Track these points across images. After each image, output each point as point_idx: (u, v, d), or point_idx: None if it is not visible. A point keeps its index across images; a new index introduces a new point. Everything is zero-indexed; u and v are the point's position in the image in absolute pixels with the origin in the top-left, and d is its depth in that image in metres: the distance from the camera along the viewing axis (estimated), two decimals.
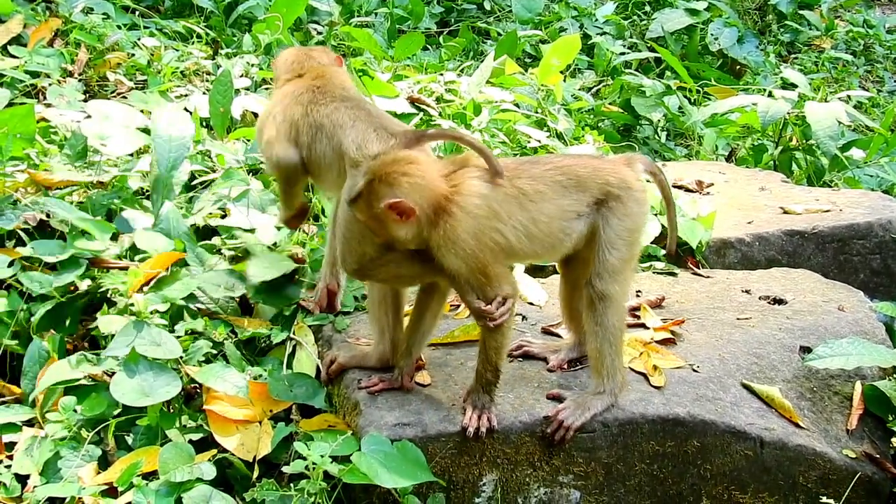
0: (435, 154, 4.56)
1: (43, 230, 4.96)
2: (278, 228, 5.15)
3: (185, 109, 6.72)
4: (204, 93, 6.93)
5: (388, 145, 3.99)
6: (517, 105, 7.53)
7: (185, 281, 4.57)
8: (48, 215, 4.98)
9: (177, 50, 7.83)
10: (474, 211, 3.74)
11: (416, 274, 3.98)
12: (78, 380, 4.17)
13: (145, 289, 4.49)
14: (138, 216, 5.16)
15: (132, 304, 4.30)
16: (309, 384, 4.20)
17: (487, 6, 12.20)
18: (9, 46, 7.37)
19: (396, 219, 3.74)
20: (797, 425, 4.22)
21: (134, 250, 4.82)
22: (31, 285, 4.56)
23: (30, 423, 4.26)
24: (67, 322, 4.63)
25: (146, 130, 5.80)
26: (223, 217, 5.25)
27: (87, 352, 4.28)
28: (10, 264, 4.68)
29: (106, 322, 4.29)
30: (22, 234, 4.92)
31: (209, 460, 3.81)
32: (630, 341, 4.40)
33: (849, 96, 8.63)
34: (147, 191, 5.44)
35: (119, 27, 7.98)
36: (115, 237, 4.95)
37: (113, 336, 4.19)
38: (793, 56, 13.20)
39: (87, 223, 4.83)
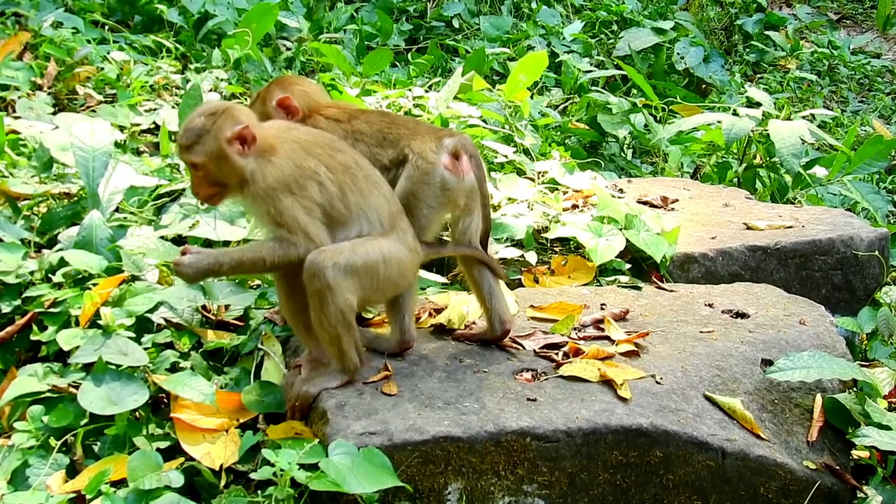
0: None
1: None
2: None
3: (154, 123, 6.76)
4: (173, 107, 6.95)
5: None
6: (484, 121, 7.57)
7: (147, 295, 4.60)
8: None
9: (146, 64, 7.83)
10: None
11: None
12: (43, 392, 4.18)
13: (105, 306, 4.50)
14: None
15: (99, 319, 4.32)
16: (277, 393, 4.22)
17: (456, 24, 12.25)
18: None
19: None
20: (758, 437, 4.27)
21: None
22: None
23: None
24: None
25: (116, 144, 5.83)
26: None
27: (52, 363, 4.30)
28: None
29: (66, 337, 4.31)
30: None
31: (177, 468, 3.82)
32: (592, 351, 4.48)
33: (813, 115, 8.75)
34: None
35: (88, 41, 7.97)
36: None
37: (71, 352, 4.22)
38: (758, 76, 13.36)
39: None
